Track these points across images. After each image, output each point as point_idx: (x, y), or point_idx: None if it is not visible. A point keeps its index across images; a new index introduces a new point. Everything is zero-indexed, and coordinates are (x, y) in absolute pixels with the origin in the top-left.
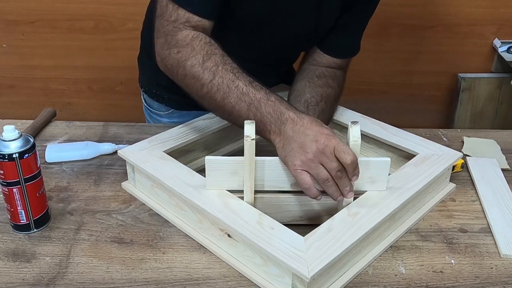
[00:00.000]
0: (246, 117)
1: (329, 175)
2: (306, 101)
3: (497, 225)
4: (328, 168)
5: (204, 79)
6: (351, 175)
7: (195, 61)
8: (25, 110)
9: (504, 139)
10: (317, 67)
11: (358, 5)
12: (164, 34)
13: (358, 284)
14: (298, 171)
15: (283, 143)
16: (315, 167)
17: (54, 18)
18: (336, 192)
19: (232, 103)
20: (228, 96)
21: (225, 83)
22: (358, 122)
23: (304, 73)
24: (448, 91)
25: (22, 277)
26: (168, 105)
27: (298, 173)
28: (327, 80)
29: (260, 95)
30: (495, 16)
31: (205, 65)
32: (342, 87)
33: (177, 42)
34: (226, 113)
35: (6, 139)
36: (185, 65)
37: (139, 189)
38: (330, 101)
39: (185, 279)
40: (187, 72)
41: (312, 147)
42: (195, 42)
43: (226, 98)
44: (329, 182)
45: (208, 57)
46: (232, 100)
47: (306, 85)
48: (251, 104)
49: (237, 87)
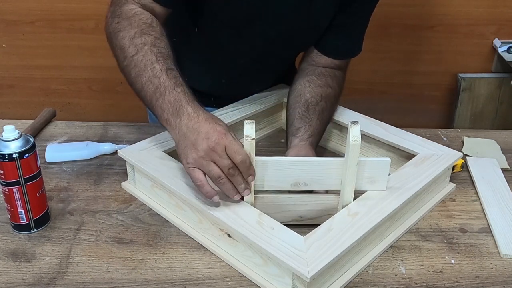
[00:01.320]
0: (150, 99)
1: (222, 172)
2: (306, 101)
3: (497, 225)
4: (220, 166)
5: (127, 52)
6: (245, 174)
7: (126, 34)
8: (25, 110)
9: (504, 139)
10: (316, 67)
11: (355, 4)
12: (114, 4)
13: (358, 284)
14: (191, 169)
15: (178, 139)
16: (207, 164)
17: (54, 18)
18: (231, 190)
19: (143, 82)
20: (141, 74)
21: (143, 62)
22: (358, 122)
23: (303, 73)
24: (448, 91)
25: (22, 277)
26: None
27: (190, 171)
28: (326, 80)
29: (169, 82)
30: (495, 16)
31: (133, 41)
32: (342, 87)
33: (121, 13)
34: (136, 90)
35: (6, 139)
36: (118, 35)
37: (139, 189)
38: (330, 101)
39: (185, 279)
40: (118, 43)
41: (203, 145)
42: (135, 18)
43: (139, 76)
44: (222, 179)
45: (140, 35)
46: (144, 79)
47: (305, 85)
48: (158, 89)
49: (152, 69)
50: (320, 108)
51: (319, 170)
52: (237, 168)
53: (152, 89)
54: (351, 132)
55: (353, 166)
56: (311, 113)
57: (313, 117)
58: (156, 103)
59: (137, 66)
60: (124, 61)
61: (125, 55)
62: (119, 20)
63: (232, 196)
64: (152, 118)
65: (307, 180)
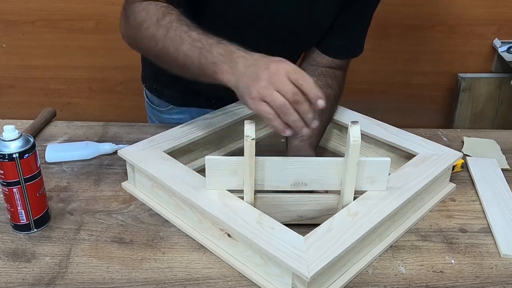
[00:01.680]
0: (198, 62)
1: (286, 100)
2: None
3: (497, 225)
4: (283, 93)
5: (158, 36)
6: (313, 98)
7: (150, 22)
8: (25, 110)
9: (504, 139)
10: (316, 67)
11: (357, 4)
12: (124, 10)
13: (358, 284)
14: (256, 102)
15: (237, 81)
16: (270, 93)
17: (54, 18)
18: (298, 121)
19: (185, 50)
20: (181, 45)
21: (178, 35)
22: (358, 122)
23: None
24: (448, 91)
25: (22, 277)
26: (168, 101)
27: (256, 105)
28: (326, 80)
29: (212, 40)
30: (495, 16)
31: (159, 23)
32: (342, 87)
33: (134, 10)
34: (180, 64)
35: (6, 139)
36: (141, 27)
37: (139, 189)
38: (330, 101)
39: (185, 279)
40: (143, 34)
41: (264, 74)
42: (150, 6)
43: (179, 47)
44: (287, 108)
45: (163, 16)
46: (185, 47)
47: None
48: (203, 48)
49: (190, 36)
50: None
51: (319, 170)
52: (301, 94)
53: (198, 51)
54: (351, 132)
55: (353, 166)
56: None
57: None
58: (205, 61)
59: (173, 41)
60: (158, 44)
61: (157, 39)
62: (135, 16)
63: (299, 129)
64: (152, 118)
65: (307, 180)
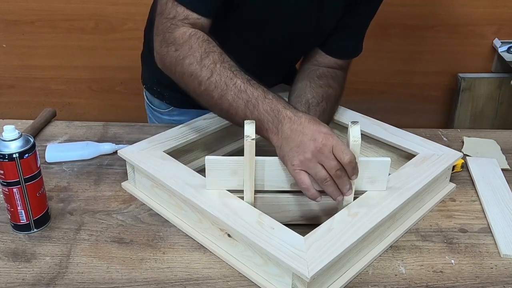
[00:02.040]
0: (243, 114)
1: (328, 174)
2: (307, 102)
3: (497, 225)
4: (327, 167)
5: (201, 77)
6: (351, 174)
7: (193, 59)
8: (25, 110)
9: (504, 139)
10: (318, 67)
11: (360, 5)
12: (162, 31)
13: (358, 284)
14: (297, 171)
15: (281, 142)
16: (314, 166)
17: (54, 18)
18: (335, 192)
19: (230, 100)
20: (226, 93)
21: (222, 81)
22: (358, 122)
23: (305, 73)
24: (448, 91)
25: (22, 277)
26: (169, 102)
27: (296, 173)
28: (328, 81)
29: (258, 93)
30: (495, 16)
31: (203, 63)
32: (343, 87)
33: (175, 39)
34: (223, 111)
35: (6, 139)
36: (183, 63)
37: (139, 189)
38: (331, 102)
39: (185, 279)
40: (185, 70)
41: (310, 146)
42: (192, 39)
43: (224, 95)
44: (328, 182)
45: (206, 55)
46: (230, 97)
47: (307, 85)
48: (249, 102)
49: (234, 85)
50: (321, 109)
51: None
52: (343, 169)
53: (243, 104)
54: (351, 132)
55: None
56: (312, 114)
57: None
58: (251, 116)
59: (218, 87)
60: (201, 86)
61: (200, 80)
62: (176, 47)
63: (335, 197)
64: (152, 118)
65: None
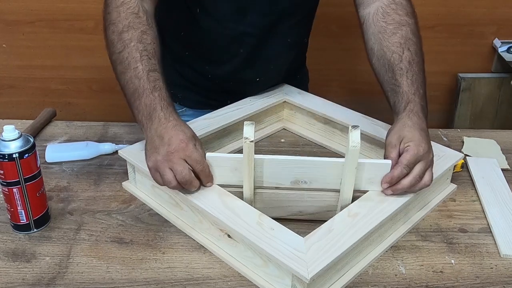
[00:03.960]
0: (129, 99)
1: (174, 179)
2: (389, 63)
3: (497, 225)
4: (174, 172)
5: (115, 48)
6: (204, 182)
7: (115, 28)
8: (25, 110)
9: (504, 139)
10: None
11: None
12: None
13: (358, 284)
14: (152, 171)
15: (146, 139)
16: (163, 169)
17: (54, 18)
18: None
19: (126, 79)
20: (125, 73)
21: (128, 60)
22: (358, 127)
23: (367, 24)
24: (448, 91)
25: (22, 277)
26: (182, 103)
27: (151, 173)
28: (394, 18)
29: (148, 85)
30: (495, 16)
31: (121, 36)
32: (415, 14)
33: (111, 2)
34: (120, 86)
35: (6, 139)
36: (108, 28)
37: (140, 189)
38: (413, 45)
39: (185, 279)
40: (108, 36)
41: (163, 151)
42: (123, 7)
43: (123, 73)
44: (172, 185)
45: (127, 29)
46: (127, 78)
47: (379, 41)
48: (136, 90)
49: (135, 68)
50: (407, 63)
51: (317, 170)
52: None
53: (132, 89)
54: (351, 137)
55: (352, 170)
56: (399, 77)
57: (402, 81)
58: (133, 103)
59: (122, 63)
60: (112, 56)
61: (113, 50)
62: (109, 10)
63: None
64: None
65: (307, 179)
